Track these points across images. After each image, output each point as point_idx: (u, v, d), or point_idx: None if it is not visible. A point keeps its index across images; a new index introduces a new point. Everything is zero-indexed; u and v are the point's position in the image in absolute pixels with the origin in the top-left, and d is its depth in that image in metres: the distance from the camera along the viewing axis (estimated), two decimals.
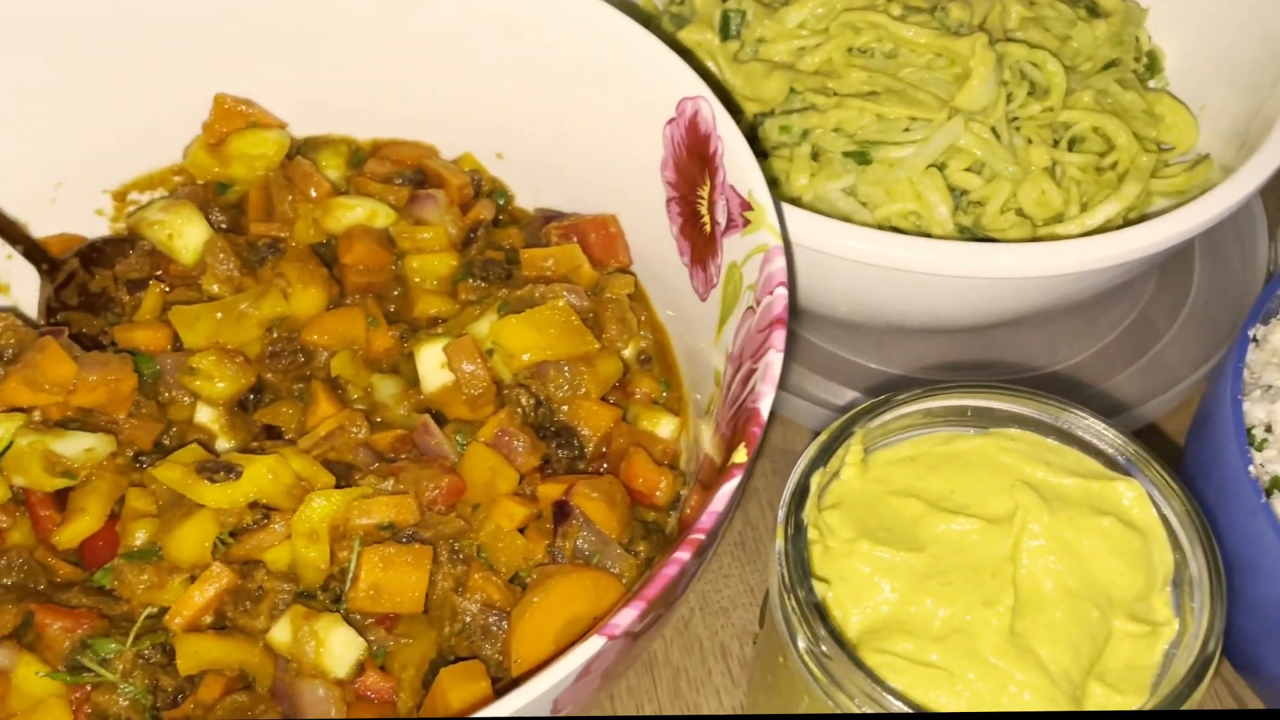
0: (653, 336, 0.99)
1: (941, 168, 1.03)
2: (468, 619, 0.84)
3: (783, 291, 0.73)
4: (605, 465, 0.93)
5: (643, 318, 0.97)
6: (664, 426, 0.94)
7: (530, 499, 0.88)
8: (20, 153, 0.99)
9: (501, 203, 1.08)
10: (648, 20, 1.18)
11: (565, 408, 0.92)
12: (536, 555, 0.86)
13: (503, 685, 0.79)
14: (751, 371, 0.72)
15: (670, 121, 0.87)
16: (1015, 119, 1.06)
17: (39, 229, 1.02)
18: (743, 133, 0.83)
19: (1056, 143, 1.07)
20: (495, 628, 0.83)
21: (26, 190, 1.00)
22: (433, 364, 0.94)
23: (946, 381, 0.79)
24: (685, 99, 0.85)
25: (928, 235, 1.02)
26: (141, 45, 0.99)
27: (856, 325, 1.10)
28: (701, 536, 0.63)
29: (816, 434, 0.75)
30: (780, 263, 0.74)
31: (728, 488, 0.65)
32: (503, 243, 1.05)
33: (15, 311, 0.95)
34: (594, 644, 0.60)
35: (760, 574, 1.06)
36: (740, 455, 0.66)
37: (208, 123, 1.03)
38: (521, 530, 0.87)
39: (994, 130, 1.03)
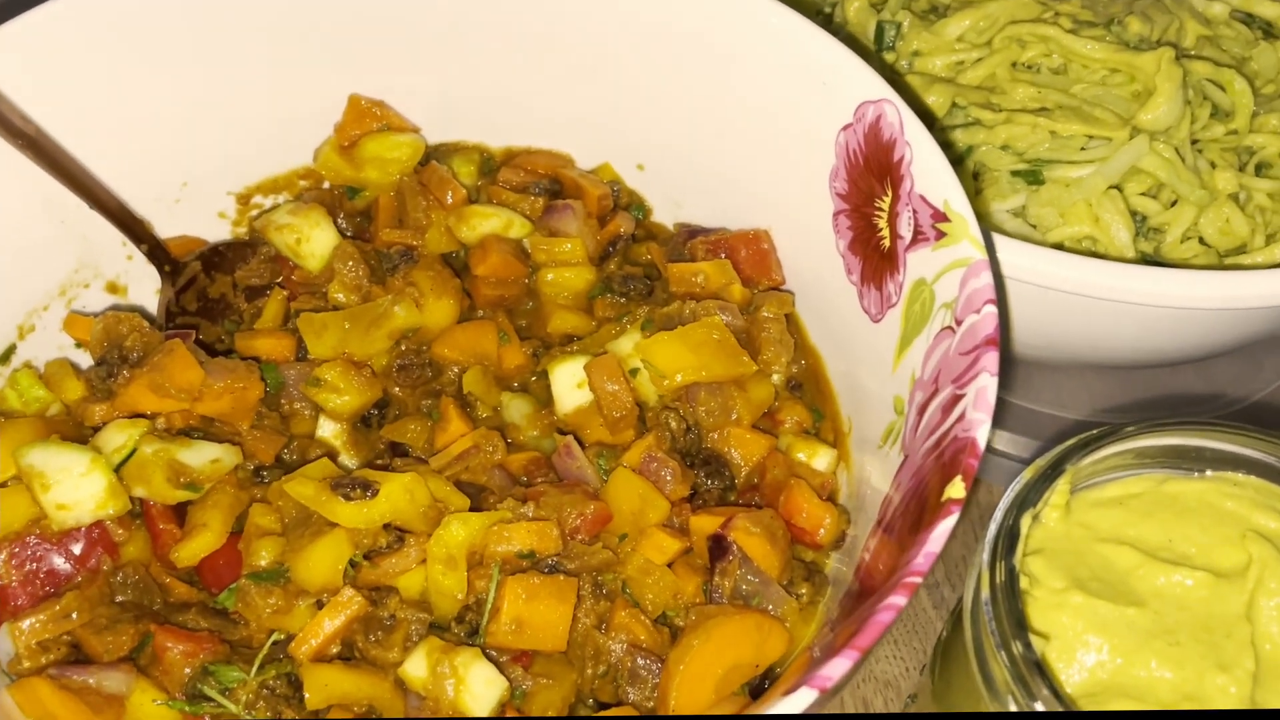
0: (805, 361, 0.92)
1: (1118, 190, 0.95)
2: (613, 660, 0.77)
3: (992, 310, 0.66)
4: (757, 498, 0.85)
5: (794, 341, 0.90)
6: (820, 459, 0.86)
7: (680, 532, 0.81)
8: (148, 151, 0.94)
9: (639, 217, 1.02)
10: None
11: (715, 434, 0.86)
12: (686, 593, 0.79)
13: None
14: (957, 398, 0.64)
15: (846, 128, 0.80)
16: (1197, 141, 0.98)
17: (161, 229, 0.98)
18: None
19: (1242, 168, 0.99)
20: (645, 671, 0.76)
21: (151, 189, 0.96)
22: (569, 383, 0.88)
23: (1159, 419, 0.71)
24: (866, 103, 0.78)
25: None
26: (273, 45, 0.95)
27: (1014, 360, 1.02)
28: (918, 580, 0.56)
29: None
30: (987, 278, 0.67)
31: (945, 525, 0.57)
32: (639, 259, 0.99)
33: (141, 312, 0.90)
34: (803, 697, 0.52)
35: (902, 622, 0.98)
36: (957, 489, 0.59)
37: (341, 124, 0.98)
38: (669, 566, 0.80)
39: (1177, 152, 0.95)
